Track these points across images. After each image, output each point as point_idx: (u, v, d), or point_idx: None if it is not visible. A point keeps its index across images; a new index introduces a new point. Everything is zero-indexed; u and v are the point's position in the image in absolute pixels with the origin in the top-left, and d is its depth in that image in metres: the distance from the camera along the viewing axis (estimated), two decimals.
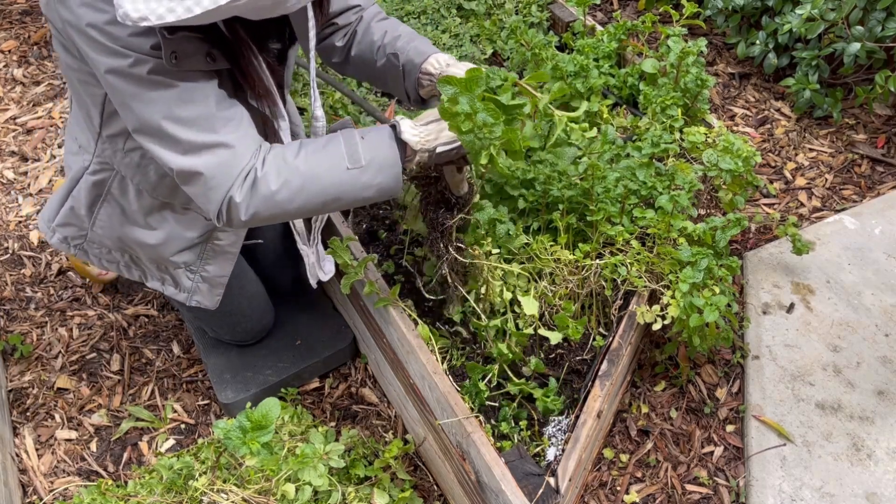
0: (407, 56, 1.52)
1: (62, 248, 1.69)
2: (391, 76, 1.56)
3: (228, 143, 1.28)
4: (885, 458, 1.75)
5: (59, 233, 1.67)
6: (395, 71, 1.54)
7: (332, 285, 2.01)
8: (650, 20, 2.32)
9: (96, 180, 1.55)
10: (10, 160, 2.56)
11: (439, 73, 1.48)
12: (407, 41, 1.54)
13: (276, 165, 1.29)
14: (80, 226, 1.64)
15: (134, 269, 1.71)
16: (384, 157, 1.33)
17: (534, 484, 1.45)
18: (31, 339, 2.08)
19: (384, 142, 1.34)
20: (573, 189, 1.79)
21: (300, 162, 1.31)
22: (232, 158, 1.28)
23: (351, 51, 1.60)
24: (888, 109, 2.64)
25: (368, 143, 1.33)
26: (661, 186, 1.83)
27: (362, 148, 1.32)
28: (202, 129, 1.26)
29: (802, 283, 2.09)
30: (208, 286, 1.70)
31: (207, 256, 1.66)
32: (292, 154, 1.31)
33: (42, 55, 2.95)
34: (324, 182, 1.32)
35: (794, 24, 2.49)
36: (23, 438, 1.88)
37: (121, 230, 1.61)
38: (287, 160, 1.30)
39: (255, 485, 1.42)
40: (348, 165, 1.32)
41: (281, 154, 1.31)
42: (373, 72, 1.59)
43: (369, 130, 1.36)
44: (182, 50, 1.21)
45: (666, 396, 1.93)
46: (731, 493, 1.76)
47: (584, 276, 1.71)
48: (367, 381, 2.00)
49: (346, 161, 1.32)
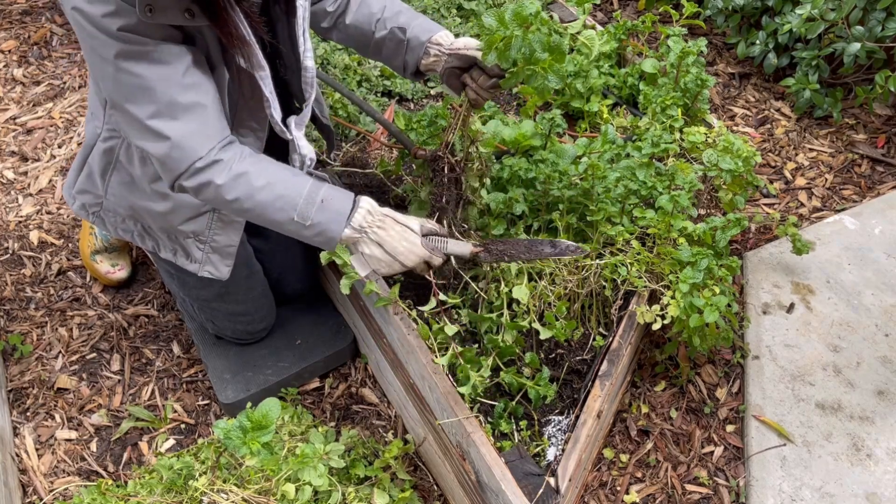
0: (413, 32, 1.66)
1: (82, 215, 1.74)
2: (390, 48, 1.70)
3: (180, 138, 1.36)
4: (885, 458, 1.75)
5: (78, 200, 1.72)
6: (397, 44, 1.68)
7: (332, 285, 2.01)
8: (650, 20, 2.32)
9: (106, 147, 1.59)
10: (10, 160, 2.56)
11: (450, 45, 1.64)
12: (411, 17, 1.68)
13: (236, 183, 1.41)
14: (95, 193, 1.68)
15: (147, 238, 1.73)
16: (329, 228, 1.47)
17: (534, 484, 1.45)
18: (31, 339, 2.08)
19: (337, 217, 1.46)
20: (573, 189, 1.79)
21: (259, 192, 1.42)
22: (182, 153, 1.38)
23: (344, 19, 1.72)
24: (888, 109, 2.64)
25: (324, 210, 1.45)
26: (661, 186, 1.83)
27: (316, 211, 1.45)
28: (161, 118, 1.35)
29: (802, 283, 2.09)
30: (219, 256, 1.71)
31: (215, 226, 1.67)
32: (257, 180, 1.42)
33: (42, 55, 2.95)
34: (268, 218, 1.46)
35: (794, 24, 2.49)
36: (23, 438, 1.88)
37: (131, 198, 1.64)
38: (250, 183, 1.42)
39: (255, 485, 1.42)
40: (295, 218, 1.44)
41: (245, 174, 1.42)
42: (367, 42, 1.72)
43: (332, 196, 1.46)
44: (158, 4, 1.24)
45: (666, 396, 1.93)
46: (731, 493, 1.76)
47: (583, 276, 1.71)
48: (367, 381, 2.00)
49: (295, 214, 1.44)
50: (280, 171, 1.47)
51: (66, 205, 2.41)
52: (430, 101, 2.64)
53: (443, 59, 1.64)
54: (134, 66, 1.30)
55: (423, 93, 2.65)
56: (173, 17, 1.27)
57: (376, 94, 2.61)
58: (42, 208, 2.41)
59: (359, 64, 2.60)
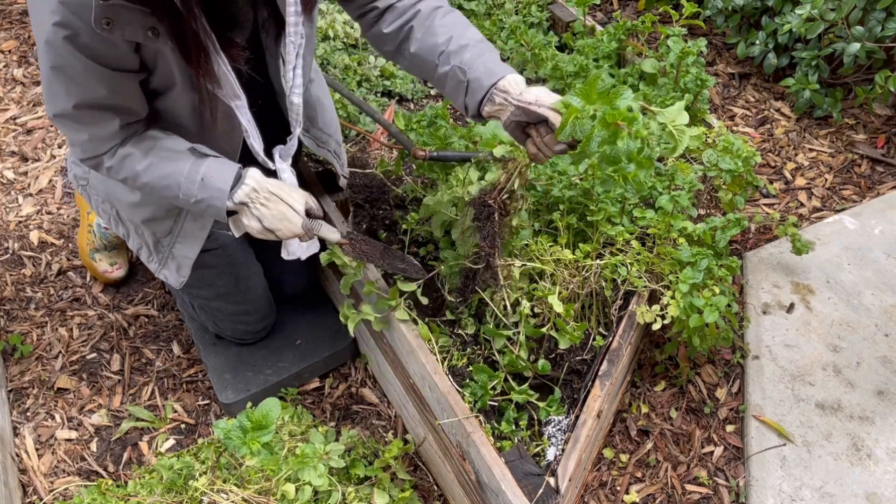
0: (475, 73, 1.45)
1: (74, 184, 1.76)
2: (451, 86, 1.50)
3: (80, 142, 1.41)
4: (885, 458, 1.75)
5: (73, 169, 1.75)
6: (457, 83, 1.48)
7: (332, 285, 2.01)
8: (650, 20, 2.32)
9: None
10: (10, 160, 2.56)
11: (518, 95, 1.42)
12: (476, 55, 1.47)
13: (122, 164, 1.44)
14: (83, 168, 1.70)
15: (120, 225, 1.74)
16: (212, 205, 1.47)
17: (534, 484, 1.45)
18: (31, 339, 2.08)
19: (217, 194, 1.46)
20: (573, 189, 1.79)
21: (143, 174, 1.45)
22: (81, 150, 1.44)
23: (408, 46, 1.55)
24: (888, 109, 2.64)
25: (205, 188, 1.45)
26: (661, 186, 1.83)
27: (197, 189, 1.45)
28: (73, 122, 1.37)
29: (802, 283, 2.09)
30: (176, 265, 1.71)
31: (178, 234, 1.67)
32: (140, 162, 1.44)
33: None
34: (158, 195, 1.49)
35: (793, 24, 2.49)
36: (23, 438, 1.88)
37: (107, 183, 1.66)
38: (133, 167, 1.44)
39: (255, 485, 1.42)
40: (180, 196, 1.46)
41: (129, 157, 1.44)
42: (431, 75, 1.54)
43: (212, 173, 1.45)
44: (119, 17, 1.19)
45: (666, 396, 1.93)
46: (731, 493, 1.76)
47: (584, 277, 1.71)
48: (367, 381, 2.00)
49: (180, 192, 1.45)
50: (164, 151, 1.45)
51: (66, 205, 2.41)
52: (430, 102, 2.65)
53: (508, 108, 1.43)
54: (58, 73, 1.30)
55: (423, 93, 2.65)
56: (133, 33, 1.22)
57: (376, 94, 2.61)
58: (42, 208, 2.41)
59: (359, 64, 2.61)
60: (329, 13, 2.72)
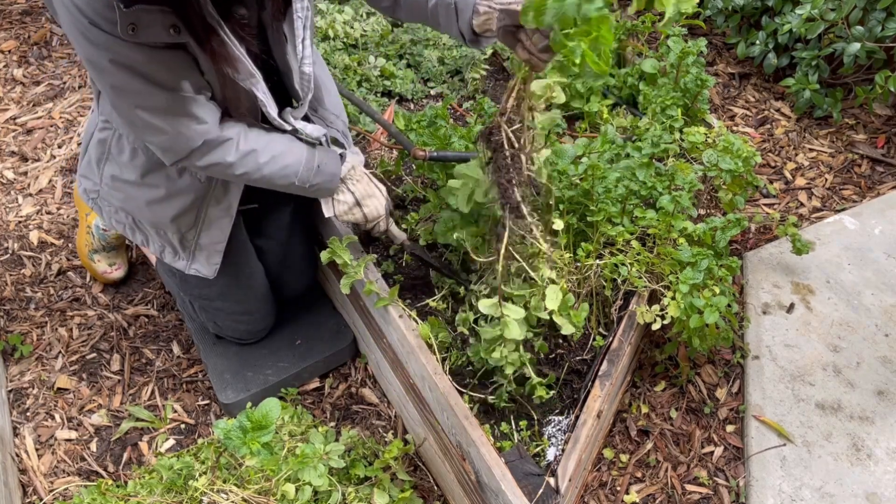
0: None
1: (84, 199, 1.76)
2: (444, 16, 1.54)
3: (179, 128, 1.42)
4: (885, 458, 1.75)
5: (82, 183, 1.74)
6: (447, 10, 1.53)
7: (332, 285, 2.01)
8: (650, 20, 2.32)
9: (101, 138, 1.61)
10: (10, 160, 2.56)
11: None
12: None
13: (245, 160, 1.53)
14: (93, 180, 1.70)
15: (137, 232, 1.74)
16: (325, 188, 1.67)
17: (534, 484, 1.45)
18: (31, 339, 2.08)
19: (330, 178, 1.65)
20: (574, 189, 1.79)
21: (265, 167, 1.56)
22: (183, 142, 1.44)
23: None
24: (888, 109, 2.64)
25: (320, 174, 1.63)
26: (662, 186, 1.83)
27: (314, 175, 1.63)
28: (165, 116, 1.39)
29: (802, 283, 2.09)
30: (206, 254, 1.71)
31: (203, 223, 1.68)
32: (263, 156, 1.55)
33: (42, 55, 2.95)
34: (273, 185, 1.62)
35: (794, 24, 2.49)
36: (23, 438, 1.88)
37: (121, 190, 1.65)
38: (257, 161, 1.55)
39: (255, 485, 1.42)
40: (297, 183, 1.61)
41: (253, 153, 1.53)
42: (425, 14, 1.60)
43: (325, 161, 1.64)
44: (142, 21, 1.23)
45: (666, 396, 1.93)
46: (731, 493, 1.76)
47: (584, 276, 1.71)
48: (367, 381, 2.00)
49: (297, 179, 1.61)
50: (279, 143, 1.58)
51: (66, 205, 2.41)
52: (430, 102, 2.64)
53: (494, 15, 1.42)
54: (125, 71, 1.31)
55: (422, 93, 2.65)
56: (157, 34, 1.26)
57: (376, 94, 2.61)
58: (42, 208, 2.41)
59: (358, 64, 2.60)
60: (329, 13, 2.72)
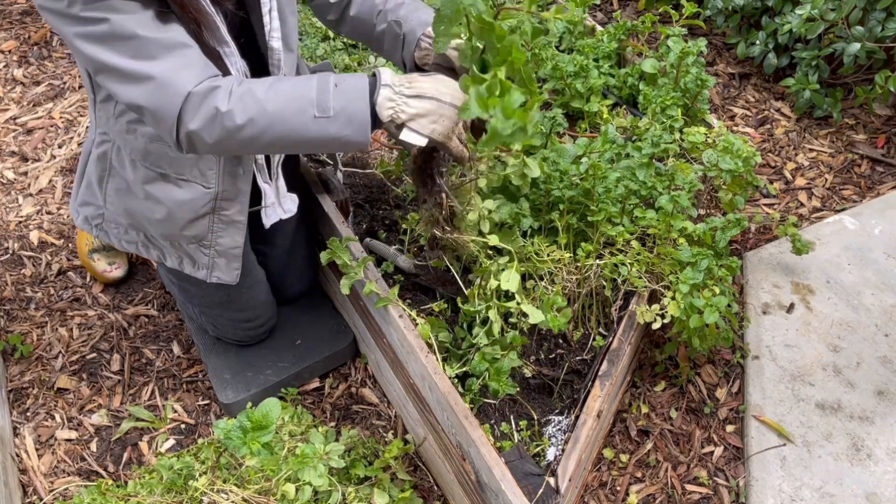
0: (410, 26, 1.50)
1: (86, 229, 1.69)
2: (389, 43, 1.55)
3: (164, 74, 1.24)
4: (885, 458, 1.75)
5: (81, 213, 1.68)
6: (394, 38, 1.53)
7: (332, 285, 2.01)
8: (650, 20, 2.32)
9: (100, 153, 1.57)
10: (10, 160, 2.56)
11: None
12: (411, 10, 1.53)
13: (242, 102, 1.26)
14: (96, 204, 1.64)
15: (151, 248, 1.68)
16: (354, 110, 1.28)
17: (534, 484, 1.45)
18: (31, 339, 2.08)
19: (357, 94, 1.28)
20: (574, 189, 1.79)
21: (269, 102, 1.27)
22: (171, 90, 1.25)
23: (349, 10, 1.60)
24: (888, 109, 2.64)
25: (341, 92, 1.28)
26: (662, 186, 1.83)
27: (333, 97, 1.28)
28: (141, 58, 1.23)
29: (802, 283, 2.09)
30: (225, 260, 1.66)
31: (217, 229, 1.61)
32: (262, 91, 1.27)
33: (42, 55, 2.95)
34: (289, 126, 1.28)
35: (794, 24, 2.49)
36: (23, 438, 1.88)
37: (128, 205, 1.59)
38: (256, 97, 1.27)
39: (255, 485, 1.42)
40: (316, 114, 1.27)
41: (249, 90, 1.27)
42: (370, 35, 1.59)
43: (345, 78, 1.30)
44: None
45: (666, 396, 1.93)
46: (731, 493, 1.76)
47: (584, 276, 1.71)
48: (367, 381, 2.00)
49: (314, 108, 1.27)
50: (281, 78, 1.34)
51: (66, 205, 2.41)
52: None
53: (433, 52, 1.46)
54: (99, 13, 1.21)
55: None
56: None
57: None
58: (42, 208, 2.41)
59: (358, 64, 2.60)
60: None
